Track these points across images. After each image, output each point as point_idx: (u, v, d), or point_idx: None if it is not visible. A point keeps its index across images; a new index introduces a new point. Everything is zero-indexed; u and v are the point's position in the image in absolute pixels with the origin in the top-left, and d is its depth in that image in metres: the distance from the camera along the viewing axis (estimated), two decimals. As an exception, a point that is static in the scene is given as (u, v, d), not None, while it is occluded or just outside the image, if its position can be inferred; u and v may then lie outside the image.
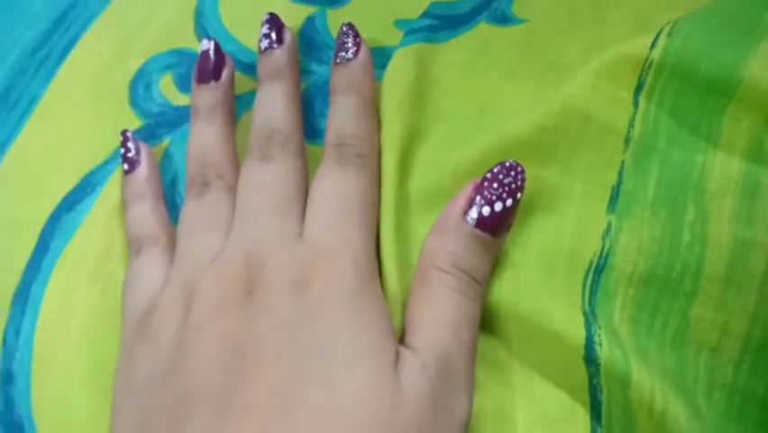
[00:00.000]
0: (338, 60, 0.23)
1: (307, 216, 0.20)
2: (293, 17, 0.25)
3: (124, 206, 0.23)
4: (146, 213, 0.22)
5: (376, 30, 0.25)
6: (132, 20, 0.26)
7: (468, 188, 0.19)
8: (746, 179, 0.19)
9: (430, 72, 0.23)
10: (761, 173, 0.19)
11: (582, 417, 0.18)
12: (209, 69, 0.23)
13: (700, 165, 0.19)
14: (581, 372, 0.18)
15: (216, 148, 0.22)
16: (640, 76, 0.21)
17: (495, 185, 0.19)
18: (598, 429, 0.18)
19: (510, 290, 0.20)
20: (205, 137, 0.22)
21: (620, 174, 0.20)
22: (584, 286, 0.19)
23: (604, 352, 0.18)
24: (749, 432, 0.18)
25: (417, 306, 0.18)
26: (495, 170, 0.19)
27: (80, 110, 0.25)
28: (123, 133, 0.23)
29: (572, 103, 0.21)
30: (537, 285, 0.20)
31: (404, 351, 0.18)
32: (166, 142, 0.24)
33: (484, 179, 0.19)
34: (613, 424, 0.18)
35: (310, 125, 0.24)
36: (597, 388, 0.18)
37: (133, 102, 0.25)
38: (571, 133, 0.21)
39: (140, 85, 0.25)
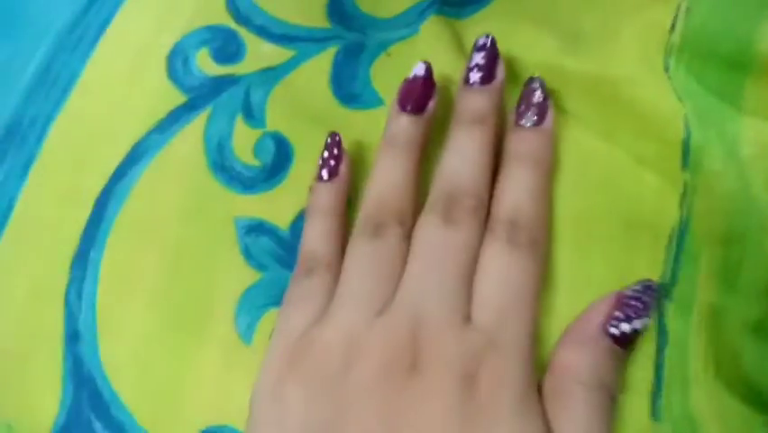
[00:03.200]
0: (522, 122, 0.22)
1: (477, 294, 0.19)
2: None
3: (308, 212, 0.22)
4: (329, 233, 0.21)
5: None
6: (164, -3, 0.27)
7: (607, 302, 0.19)
8: None
9: (461, 40, 0.25)
10: None
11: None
12: (416, 97, 0.22)
13: (732, 131, 0.21)
14: (652, 339, 0.20)
15: (402, 188, 0.21)
16: (665, 56, 0.22)
17: (634, 302, 0.19)
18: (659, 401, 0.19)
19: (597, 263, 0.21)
20: (393, 174, 0.21)
21: (687, 127, 0.21)
22: (668, 252, 0.20)
23: (671, 323, 0.20)
24: None
25: (563, 423, 0.18)
26: (636, 287, 0.19)
27: (120, 85, 0.26)
28: (333, 136, 0.23)
29: (608, 72, 0.22)
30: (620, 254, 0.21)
31: None
32: (209, 109, 0.25)
33: (624, 295, 0.19)
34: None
35: (345, 91, 0.25)
36: (662, 362, 0.20)
37: (173, 76, 0.26)
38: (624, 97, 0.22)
39: (177, 60, 0.26)
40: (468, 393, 0.17)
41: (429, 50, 0.25)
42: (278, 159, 0.24)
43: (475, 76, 0.22)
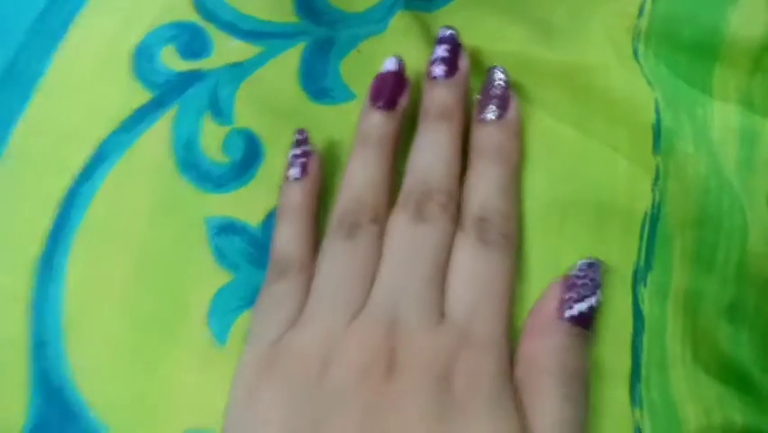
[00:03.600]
0: (484, 115, 0.21)
1: (449, 292, 0.19)
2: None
3: (279, 213, 0.22)
4: (300, 234, 0.21)
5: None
6: (128, -6, 0.27)
7: (556, 287, 0.19)
8: (744, 130, 0.21)
9: (431, 33, 0.24)
10: (756, 123, 0.21)
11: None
12: (387, 93, 0.22)
13: (702, 115, 0.21)
14: (628, 325, 0.20)
15: (377, 186, 0.21)
16: (633, 42, 0.22)
17: (582, 281, 0.19)
18: (638, 387, 0.19)
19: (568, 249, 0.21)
20: (366, 172, 0.21)
21: (657, 111, 0.21)
22: (641, 237, 0.20)
23: (647, 308, 0.20)
24: None
25: (536, 414, 0.17)
26: (579, 266, 0.19)
27: (85, 84, 0.25)
28: (300, 132, 0.22)
29: (578, 60, 0.22)
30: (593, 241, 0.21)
31: None
32: (175, 107, 0.25)
33: (571, 276, 0.19)
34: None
35: (315, 86, 0.25)
36: (639, 346, 0.19)
37: (138, 74, 0.25)
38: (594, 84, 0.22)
39: (143, 57, 0.26)
40: (444, 391, 0.17)
41: (398, 45, 0.24)
42: (248, 156, 0.24)
43: (438, 69, 0.22)
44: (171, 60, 0.25)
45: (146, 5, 0.27)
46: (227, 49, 0.25)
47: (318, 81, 0.25)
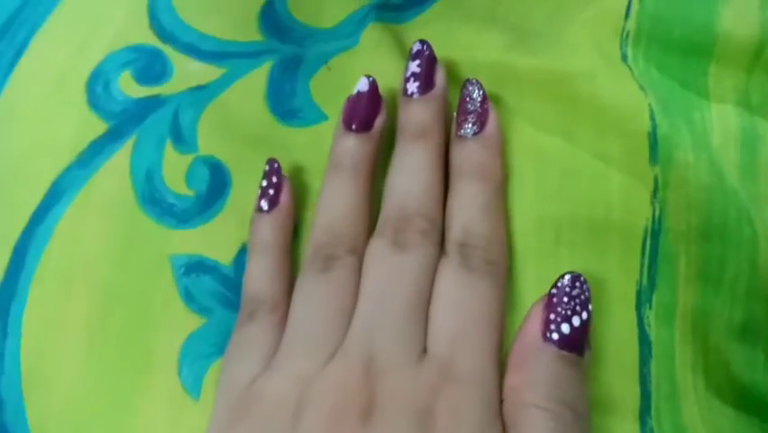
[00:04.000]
0: (462, 132, 0.20)
1: (431, 323, 0.18)
2: (251, 3, 0.25)
3: (249, 248, 0.20)
4: (272, 270, 0.20)
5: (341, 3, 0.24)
6: (83, 19, 0.25)
7: (537, 309, 0.17)
8: (744, 133, 0.19)
9: (404, 46, 0.23)
10: (757, 124, 0.19)
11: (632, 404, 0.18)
12: (361, 114, 0.20)
13: (700, 120, 0.19)
14: (634, 352, 0.18)
15: (352, 214, 0.19)
16: (620, 45, 0.21)
17: (566, 299, 0.17)
18: (648, 421, 0.18)
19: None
20: (341, 200, 0.20)
21: (652, 118, 0.19)
22: (642, 254, 0.19)
23: (653, 332, 0.18)
24: None
25: None
26: (559, 284, 0.17)
27: (37, 116, 0.24)
28: (271, 162, 0.21)
29: (561, 66, 0.21)
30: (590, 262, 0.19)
31: None
32: (134, 137, 0.23)
33: (552, 295, 0.17)
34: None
35: (282, 107, 0.23)
36: (647, 375, 0.18)
37: (93, 103, 0.24)
38: (580, 91, 0.21)
39: (98, 85, 0.24)
40: (424, 431, 0.16)
41: (371, 60, 0.23)
42: (214, 186, 0.22)
43: (413, 86, 0.21)
44: (128, 87, 0.24)
45: (100, 30, 0.25)
46: (188, 72, 0.24)
47: (287, 102, 0.23)
